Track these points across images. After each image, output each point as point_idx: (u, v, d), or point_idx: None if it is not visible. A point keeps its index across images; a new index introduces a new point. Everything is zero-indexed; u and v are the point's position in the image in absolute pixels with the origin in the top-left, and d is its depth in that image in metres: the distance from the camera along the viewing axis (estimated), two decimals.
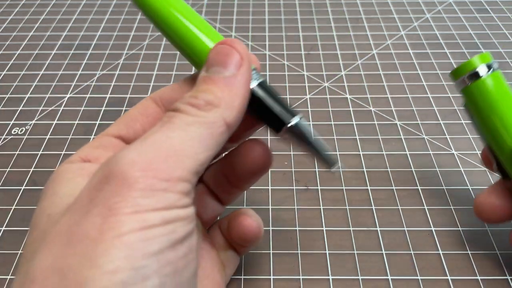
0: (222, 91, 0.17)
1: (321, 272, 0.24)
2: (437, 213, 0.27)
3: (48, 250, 0.13)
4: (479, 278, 0.24)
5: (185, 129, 0.15)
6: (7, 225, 0.27)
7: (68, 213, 0.14)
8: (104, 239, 0.13)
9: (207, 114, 0.16)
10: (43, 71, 0.39)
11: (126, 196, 0.13)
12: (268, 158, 0.20)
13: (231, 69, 0.17)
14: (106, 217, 0.13)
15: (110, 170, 0.14)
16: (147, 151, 0.14)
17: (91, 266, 0.12)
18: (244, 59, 0.17)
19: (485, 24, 0.44)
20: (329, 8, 0.47)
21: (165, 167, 0.14)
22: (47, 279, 0.13)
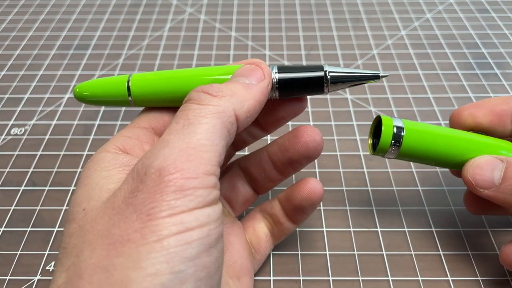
0: (237, 88, 0.18)
1: (321, 273, 0.24)
2: (438, 214, 0.27)
3: (92, 249, 0.14)
4: (480, 279, 0.24)
5: (198, 122, 0.16)
6: (6, 225, 0.27)
7: (106, 215, 0.15)
8: (146, 242, 0.14)
9: (219, 101, 0.17)
10: (42, 71, 0.39)
11: (160, 201, 0.14)
12: (320, 143, 0.21)
13: (252, 80, 0.18)
14: (145, 221, 0.14)
15: (141, 179, 0.15)
16: (169, 154, 0.15)
17: (135, 268, 0.13)
18: (266, 77, 0.19)
19: (485, 24, 0.44)
20: (329, 8, 0.47)
21: (190, 165, 0.15)
22: (93, 276, 0.14)
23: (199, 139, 0.15)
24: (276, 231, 0.23)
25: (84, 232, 0.15)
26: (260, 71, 0.19)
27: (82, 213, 0.16)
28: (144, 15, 0.46)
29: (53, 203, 0.28)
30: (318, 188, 0.22)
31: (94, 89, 0.21)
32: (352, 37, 0.42)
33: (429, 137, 0.22)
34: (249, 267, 0.22)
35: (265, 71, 0.19)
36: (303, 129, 0.21)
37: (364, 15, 0.45)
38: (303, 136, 0.21)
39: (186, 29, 0.44)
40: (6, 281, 0.24)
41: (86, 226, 0.15)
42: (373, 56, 0.40)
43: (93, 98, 0.21)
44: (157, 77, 0.20)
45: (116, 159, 0.18)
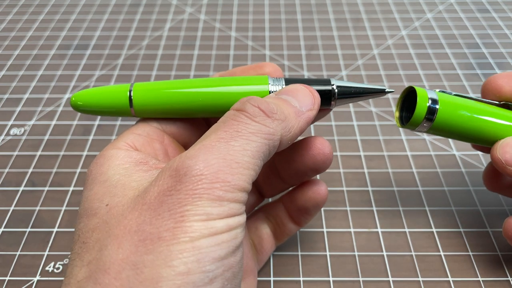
0: (290, 114, 0.17)
1: (322, 273, 0.24)
2: (438, 214, 0.27)
3: (118, 244, 0.14)
4: (481, 279, 0.24)
5: (247, 138, 0.16)
6: (5, 226, 0.26)
7: (136, 211, 0.15)
8: (177, 242, 0.14)
9: (271, 123, 0.17)
10: (41, 71, 0.38)
11: (196, 205, 0.14)
12: (329, 156, 0.21)
13: (303, 106, 0.18)
14: (178, 222, 0.14)
15: (180, 179, 0.15)
16: (213, 162, 0.15)
17: (166, 266, 0.13)
18: (315, 106, 0.19)
19: (486, 24, 0.43)
20: (329, 8, 0.47)
21: (230, 179, 0.15)
22: (121, 272, 0.14)
23: (244, 156, 0.16)
24: (278, 232, 0.23)
25: (108, 227, 0.15)
26: (312, 99, 0.19)
27: (105, 208, 0.16)
28: (144, 15, 0.46)
29: (52, 204, 0.28)
30: (322, 189, 0.22)
31: (93, 98, 0.20)
32: (353, 37, 0.42)
33: (463, 112, 0.21)
34: (252, 267, 0.22)
35: (316, 100, 0.19)
36: (312, 140, 0.21)
37: (365, 15, 0.45)
38: (311, 148, 0.21)
39: (186, 29, 0.44)
40: (6, 282, 0.24)
41: (111, 221, 0.15)
42: (374, 56, 0.40)
43: (91, 108, 0.20)
44: (161, 87, 0.20)
45: (130, 156, 0.18)
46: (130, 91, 0.19)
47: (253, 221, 0.23)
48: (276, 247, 0.24)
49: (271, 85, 0.19)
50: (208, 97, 0.19)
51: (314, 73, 0.38)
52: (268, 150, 0.16)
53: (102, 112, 0.20)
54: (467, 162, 0.30)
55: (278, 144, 0.17)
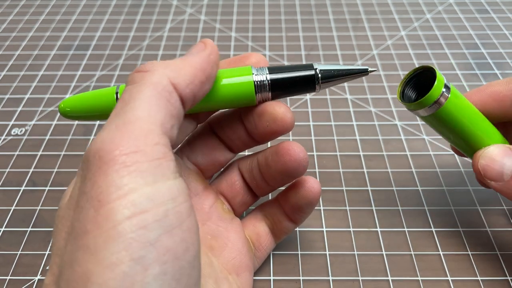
0: (174, 61, 0.17)
1: (321, 273, 0.24)
2: (438, 214, 0.27)
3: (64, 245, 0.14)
4: (480, 278, 0.24)
5: (134, 98, 0.15)
6: (6, 225, 0.27)
7: (71, 210, 0.15)
8: (102, 231, 0.13)
9: (152, 75, 0.16)
10: (42, 71, 0.39)
11: (105, 183, 0.13)
12: (301, 162, 0.20)
13: (192, 52, 0.18)
14: (97, 208, 0.13)
15: (86, 166, 0.14)
16: (109, 134, 0.14)
17: (94, 260, 0.13)
18: (207, 47, 0.18)
19: (485, 24, 0.44)
20: (329, 8, 0.47)
21: (128, 139, 0.14)
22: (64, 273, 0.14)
23: (134, 114, 0.15)
24: (276, 229, 0.23)
25: (57, 229, 0.15)
26: (201, 44, 0.18)
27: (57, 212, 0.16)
28: (144, 16, 0.46)
29: (53, 203, 0.28)
30: (315, 187, 0.22)
31: (80, 104, 0.20)
32: (352, 38, 0.42)
33: (466, 108, 0.21)
34: (248, 263, 0.22)
35: (206, 42, 0.18)
36: (284, 146, 0.21)
37: (364, 15, 0.45)
38: (283, 155, 0.20)
39: (186, 29, 0.44)
40: (7, 281, 0.24)
41: (58, 223, 0.15)
42: (373, 56, 0.40)
43: (79, 114, 0.20)
44: None
45: None
46: (117, 93, 0.20)
47: (251, 219, 0.24)
48: (275, 244, 0.24)
49: (255, 75, 0.19)
50: None
51: None
52: (162, 97, 0.16)
53: (91, 117, 0.20)
54: (466, 162, 0.30)
55: (171, 88, 0.16)
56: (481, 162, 0.21)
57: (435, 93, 0.20)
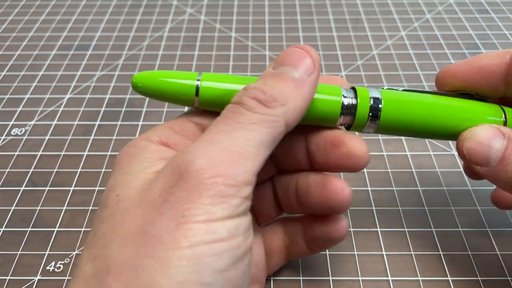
0: (290, 91, 0.16)
1: (321, 273, 0.24)
2: (438, 214, 0.27)
3: (123, 244, 0.14)
4: (480, 279, 0.24)
5: (248, 129, 0.15)
6: (6, 225, 0.27)
7: (140, 209, 0.14)
8: (177, 247, 0.13)
9: (272, 112, 0.16)
10: (42, 71, 0.39)
11: (197, 203, 0.14)
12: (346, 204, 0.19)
13: (302, 73, 0.17)
14: (179, 223, 0.13)
15: (181, 175, 0.14)
16: (215, 156, 0.14)
17: (163, 273, 0.13)
18: (316, 66, 0.17)
19: (485, 24, 0.44)
20: (329, 8, 0.47)
21: (232, 172, 0.14)
22: (121, 274, 0.13)
23: (246, 146, 0.15)
24: (291, 249, 0.22)
25: (114, 222, 0.15)
26: (310, 59, 0.17)
27: (115, 199, 0.15)
28: (144, 16, 0.46)
29: (53, 203, 0.28)
30: (344, 227, 0.20)
31: (154, 82, 0.18)
32: (352, 38, 0.42)
33: (411, 108, 0.20)
34: (261, 278, 0.21)
35: (315, 58, 0.17)
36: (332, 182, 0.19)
37: (364, 15, 0.45)
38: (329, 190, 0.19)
39: (186, 29, 0.44)
40: (6, 281, 0.24)
41: (117, 215, 0.15)
42: (373, 56, 0.40)
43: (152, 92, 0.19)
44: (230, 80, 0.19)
45: (161, 151, 0.17)
46: (198, 80, 0.18)
47: (269, 231, 0.22)
48: (286, 262, 0.23)
49: (344, 98, 0.19)
50: None
51: None
52: (273, 137, 0.16)
53: (163, 98, 0.19)
54: None
55: (283, 128, 0.16)
56: (465, 145, 0.19)
57: (363, 112, 0.19)
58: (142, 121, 0.34)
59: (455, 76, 0.21)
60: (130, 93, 0.36)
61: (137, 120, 0.34)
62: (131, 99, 0.35)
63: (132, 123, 0.33)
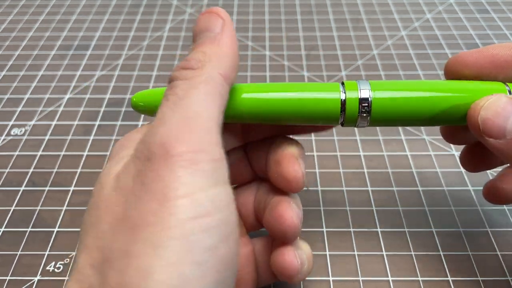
0: (210, 48, 0.17)
1: (321, 273, 0.24)
2: (438, 214, 0.27)
3: (112, 232, 0.14)
4: (480, 279, 0.24)
5: (188, 94, 0.15)
6: (6, 225, 0.27)
7: (119, 196, 0.14)
8: (165, 227, 0.13)
9: (202, 72, 0.16)
10: (42, 71, 0.39)
11: (172, 177, 0.13)
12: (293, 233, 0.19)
13: (216, 30, 0.17)
14: (162, 202, 0.13)
15: (146, 156, 0.14)
16: (169, 128, 0.14)
17: (155, 255, 0.13)
18: (225, 19, 0.18)
19: (485, 24, 0.44)
20: (329, 8, 0.47)
21: (193, 136, 0.14)
22: (117, 261, 0.13)
23: (193, 109, 0.15)
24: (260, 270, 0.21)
25: (100, 211, 0.15)
26: (219, 18, 0.18)
27: (98, 187, 0.15)
28: (144, 16, 0.46)
29: (53, 203, 0.28)
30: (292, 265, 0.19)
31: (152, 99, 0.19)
32: (352, 38, 0.42)
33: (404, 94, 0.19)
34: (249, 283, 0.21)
35: (221, 14, 0.18)
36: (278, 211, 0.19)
37: (364, 15, 0.45)
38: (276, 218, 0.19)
39: (186, 29, 0.44)
40: (6, 282, 0.24)
41: (100, 204, 0.15)
42: (373, 56, 0.40)
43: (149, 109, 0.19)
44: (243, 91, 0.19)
45: None
46: None
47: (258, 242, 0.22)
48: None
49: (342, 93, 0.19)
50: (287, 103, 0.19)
51: (314, 73, 0.38)
52: (217, 91, 0.16)
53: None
54: None
55: (222, 80, 0.16)
56: (482, 115, 0.17)
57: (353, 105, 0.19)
58: (142, 121, 0.34)
59: (466, 64, 0.20)
60: (130, 93, 0.36)
61: (137, 120, 0.34)
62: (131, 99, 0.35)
63: (132, 123, 0.33)
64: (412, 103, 0.19)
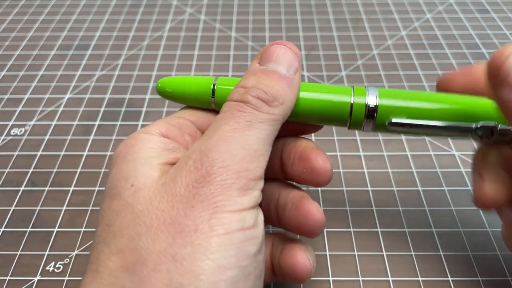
0: (285, 90, 0.18)
1: (322, 273, 0.24)
2: (438, 214, 0.27)
3: (154, 235, 0.14)
4: (480, 279, 0.24)
5: (258, 128, 0.16)
6: (6, 225, 0.27)
7: (168, 202, 0.15)
8: (215, 234, 0.14)
9: (275, 111, 0.17)
10: (42, 71, 0.39)
11: (227, 195, 0.15)
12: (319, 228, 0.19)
13: (290, 70, 0.18)
14: (213, 213, 0.14)
15: (208, 171, 0.15)
16: (235, 153, 0.16)
17: (206, 258, 0.14)
18: (299, 62, 0.19)
19: (485, 24, 0.44)
20: (329, 8, 0.47)
21: (252, 167, 0.16)
22: (160, 264, 0.14)
23: (258, 144, 0.16)
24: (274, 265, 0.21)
25: (136, 213, 0.15)
26: (294, 55, 0.18)
27: (131, 189, 0.16)
28: (144, 16, 0.46)
29: (53, 204, 0.28)
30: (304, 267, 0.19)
31: (178, 86, 0.21)
32: (352, 38, 0.42)
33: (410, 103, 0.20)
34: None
35: (297, 54, 0.19)
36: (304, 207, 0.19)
37: (364, 15, 0.45)
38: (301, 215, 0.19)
39: (186, 29, 0.44)
40: (6, 282, 0.24)
41: (138, 206, 0.15)
42: (373, 56, 0.40)
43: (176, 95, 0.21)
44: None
45: (163, 142, 0.18)
46: (214, 84, 0.20)
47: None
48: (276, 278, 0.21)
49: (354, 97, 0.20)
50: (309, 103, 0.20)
51: (314, 73, 0.38)
52: (275, 134, 0.17)
53: (183, 100, 0.21)
54: (466, 162, 0.30)
55: (282, 122, 0.18)
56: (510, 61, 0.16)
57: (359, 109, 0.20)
58: (142, 121, 0.33)
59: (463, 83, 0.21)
60: (130, 93, 0.36)
61: (136, 120, 0.34)
62: (130, 99, 0.35)
63: (132, 123, 0.33)
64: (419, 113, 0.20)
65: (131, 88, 0.37)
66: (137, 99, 0.35)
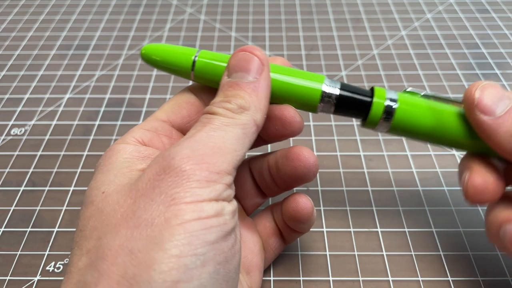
0: (250, 96, 0.18)
1: (322, 273, 0.24)
2: (438, 214, 0.27)
3: (116, 231, 0.15)
4: (480, 279, 0.24)
5: (224, 129, 0.17)
6: (6, 225, 0.27)
7: (130, 198, 0.16)
8: (169, 225, 0.14)
9: (240, 117, 0.18)
10: (42, 71, 0.39)
11: (185, 187, 0.15)
12: (312, 168, 0.21)
13: (254, 75, 0.19)
14: (169, 205, 0.15)
15: (168, 164, 0.16)
16: (198, 148, 0.16)
17: (159, 249, 0.14)
18: (264, 64, 0.19)
19: (485, 24, 0.44)
20: (329, 8, 0.47)
21: (215, 161, 0.16)
22: (118, 258, 0.14)
23: (224, 142, 0.17)
24: (284, 232, 0.23)
25: (104, 215, 0.16)
26: (257, 60, 0.19)
27: (101, 196, 0.17)
28: (144, 15, 0.46)
29: (53, 203, 0.28)
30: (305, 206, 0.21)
31: (161, 53, 0.21)
32: (352, 37, 0.42)
33: (425, 113, 0.20)
34: (258, 263, 0.22)
35: (261, 58, 0.19)
36: (295, 151, 0.21)
37: (364, 15, 0.45)
38: (293, 159, 0.21)
39: (186, 29, 0.44)
40: (6, 282, 0.24)
41: (107, 208, 0.16)
42: (373, 56, 0.40)
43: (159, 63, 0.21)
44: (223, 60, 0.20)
45: (138, 151, 0.19)
46: (196, 56, 0.20)
47: (261, 218, 0.23)
48: (284, 247, 0.24)
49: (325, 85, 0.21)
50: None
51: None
52: (247, 137, 0.18)
53: (167, 69, 0.21)
54: None
55: (254, 128, 0.18)
56: (478, 91, 0.20)
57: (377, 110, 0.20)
58: (142, 121, 0.33)
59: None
60: (130, 93, 0.36)
61: (136, 120, 0.34)
62: (130, 99, 0.35)
63: (132, 123, 0.33)
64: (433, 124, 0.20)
65: (131, 88, 0.37)
66: (137, 99, 0.35)
